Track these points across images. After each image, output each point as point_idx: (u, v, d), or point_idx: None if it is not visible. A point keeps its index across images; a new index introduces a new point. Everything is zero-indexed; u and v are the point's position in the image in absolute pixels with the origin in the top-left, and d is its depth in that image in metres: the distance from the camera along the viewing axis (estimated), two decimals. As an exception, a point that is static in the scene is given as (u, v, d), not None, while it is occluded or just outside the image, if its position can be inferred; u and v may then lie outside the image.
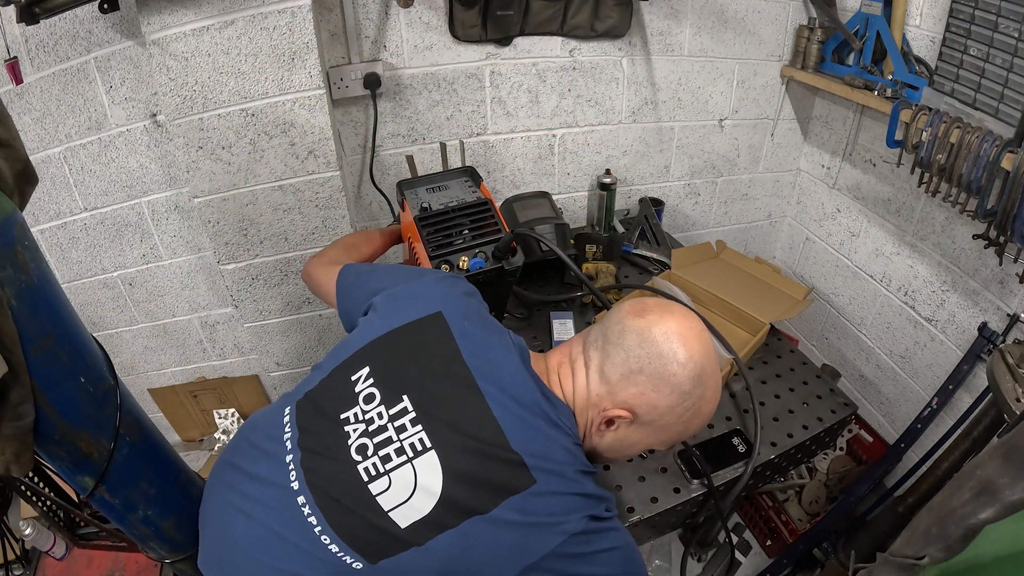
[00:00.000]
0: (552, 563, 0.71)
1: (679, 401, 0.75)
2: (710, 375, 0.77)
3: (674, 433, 0.79)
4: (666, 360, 0.74)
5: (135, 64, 1.44)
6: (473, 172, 1.22)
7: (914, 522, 0.81)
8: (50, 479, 1.34)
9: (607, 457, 0.84)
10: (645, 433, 0.79)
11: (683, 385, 0.75)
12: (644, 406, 0.76)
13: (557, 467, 0.74)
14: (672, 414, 0.76)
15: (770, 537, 1.96)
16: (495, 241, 1.09)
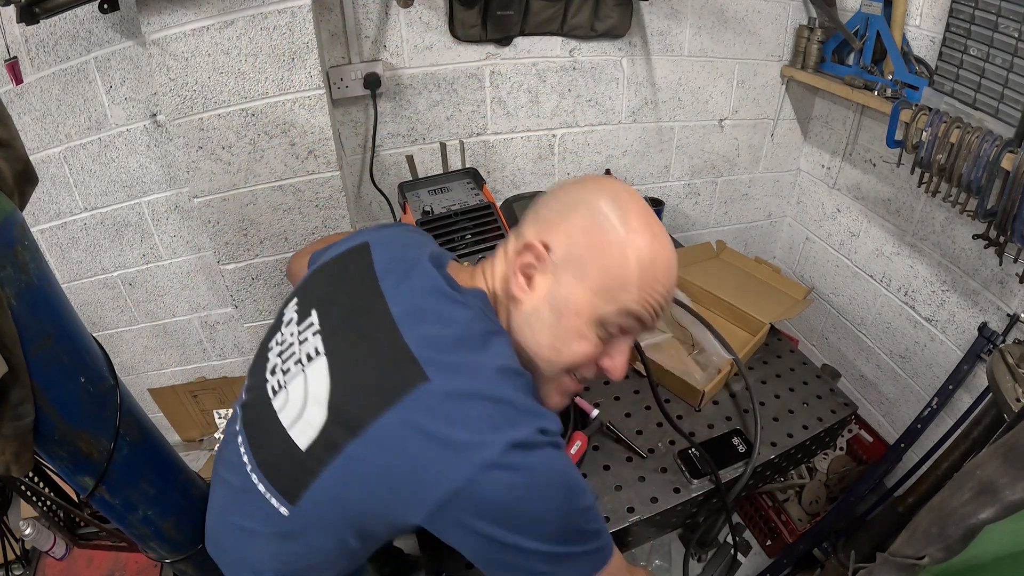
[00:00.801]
0: (457, 514, 0.57)
1: (596, 217, 0.66)
2: (640, 212, 0.69)
3: (610, 270, 0.65)
4: (591, 200, 0.68)
5: (135, 64, 1.44)
6: (475, 174, 1.22)
7: (914, 522, 0.81)
8: (50, 479, 1.34)
9: (546, 350, 0.68)
10: (572, 282, 0.65)
11: (602, 208, 0.66)
12: (560, 233, 0.66)
13: (462, 359, 0.61)
14: (595, 233, 0.66)
15: (770, 537, 1.96)
16: (496, 242, 1.09)
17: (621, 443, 1.17)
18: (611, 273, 0.65)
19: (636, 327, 0.68)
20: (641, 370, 1.33)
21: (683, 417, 1.24)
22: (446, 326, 0.64)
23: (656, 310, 0.67)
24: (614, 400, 1.28)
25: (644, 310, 0.66)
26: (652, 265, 0.66)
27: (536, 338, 0.68)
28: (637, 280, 0.65)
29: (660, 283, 0.67)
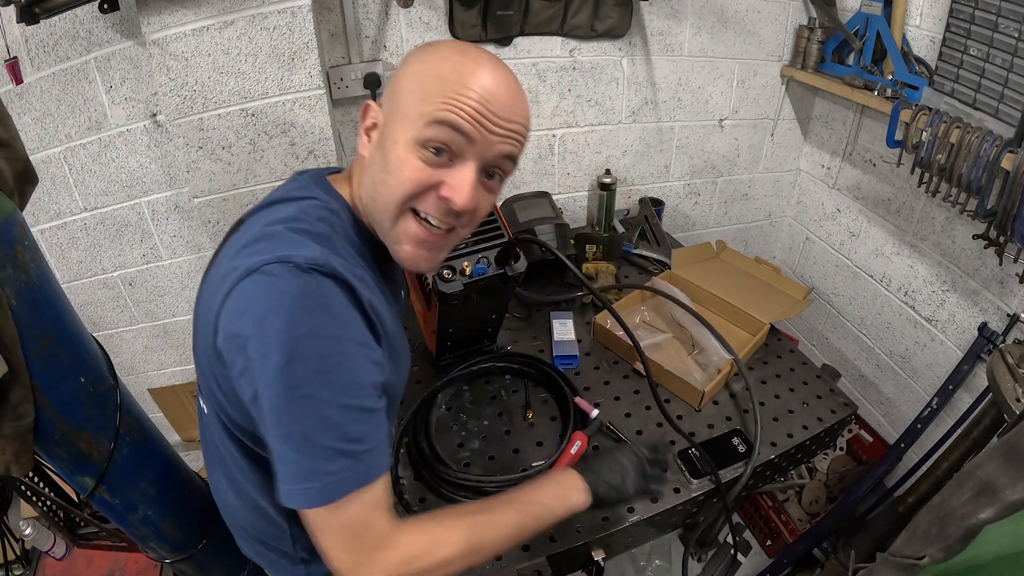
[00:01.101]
0: (220, 335, 0.62)
1: (406, 63, 0.68)
2: (452, 42, 0.71)
3: (415, 95, 0.65)
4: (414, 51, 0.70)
5: (135, 64, 1.44)
6: None
7: (914, 522, 0.82)
8: (50, 479, 1.34)
9: (379, 187, 0.69)
10: (390, 118, 0.67)
11: (416, 50, 0.69)
12: (388, 85, 0.71)
13: (270, 215, 0.67)
14: (399, 76, 0.68)
15: (770, 537, 1.96)
16: (498, 246, 1.09)
17: (621, 443, 1.17)
18: (414, 92, 0.65)
19: (457, 139, 0.64)
20: (641, 370, 1.34)
21: (683, 417, 1.24)
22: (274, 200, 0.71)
23: (470, 114, 0.63)
24: (614, 400, 1.28)
25: (453, 114, 0.63)
26: (455, 71, 0.64)
27: (372, 183, 0.69)
28: (439, 88, 0.64)
29: (466, 86, 0.63)
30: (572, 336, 1.43)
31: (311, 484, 0.59)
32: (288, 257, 0.59)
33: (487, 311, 1.26)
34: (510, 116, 0.66)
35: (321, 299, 0.59)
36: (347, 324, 0.61)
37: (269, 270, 0.58)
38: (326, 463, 0.58)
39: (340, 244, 0.67)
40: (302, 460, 0.59)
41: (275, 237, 0.63)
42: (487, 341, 1.38)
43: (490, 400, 1.28)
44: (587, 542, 1.01)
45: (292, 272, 0.58)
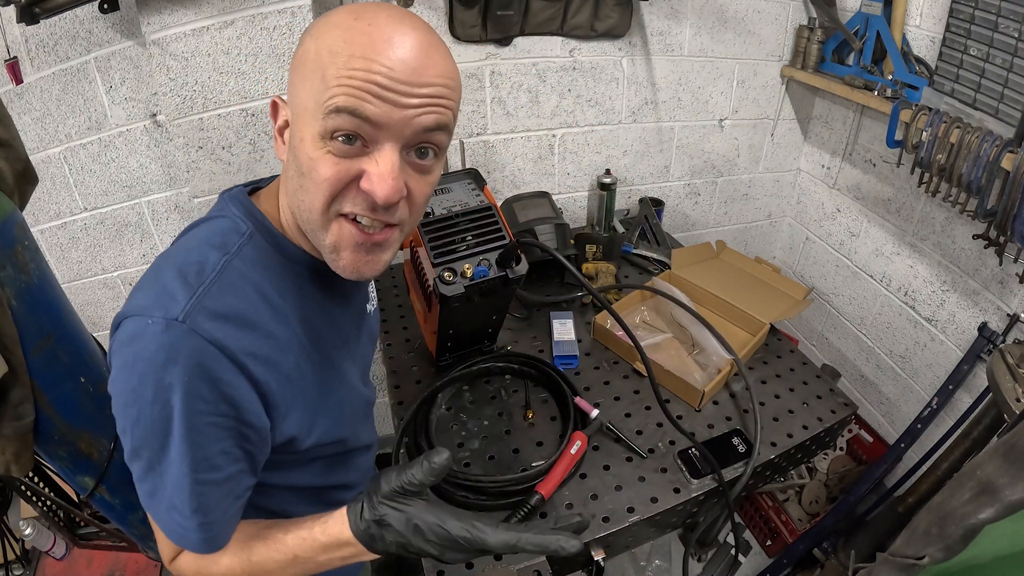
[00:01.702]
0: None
1: (299, 44, 0.59)
2: (349, 7, 0.57)
3: (311, 85, 0.56)
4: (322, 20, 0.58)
5: (135, 64, 1.44)
6: (476, 175, 1.21)
7: (914, 522, 0.82)
8: (50, 479, 1.34)
9: (298, 194, 0.61)
10: (294, 117, 0.59)
11: (320, 22, 0.58)
12: (289, 75, 0.60)
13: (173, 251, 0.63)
14: (295, 65, 0.59)
15: (770, 537, 1.96)
16: (499, 247, 1.08)
17: (621, 443, 1.17)
18: (308, 77, 0.56)
19: (364, 126, 0.55)
20: (641, 370, 1.34)
21: (683, 417, 1.24)
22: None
23: (371, 91, 0.53)
24: (614, 400, 1.28)
25: (351, 98, 0.53)
26: (346, 43, 0.54)
27: (292, 191, 0.61)
28: (332, 67, 0.54)
29: (361, 57, 0.53)
30: (572, 336, 1.43)
31: (162, 520, 0.63)
32: (148, 312, 0.56)
33: (488, 312, 1.26)
34: (423, 80, 0.55)
35: (167, 362, 0.54)
36: (195, 394, 0.56)
37: (128, 328, 0.57)
38: (167, 509, 0.61)
39: (238, 276, 0.60)
40: (157, 503, 0.62)
41: (157, 275, 0.60)
42: (487, 341, 1.38)
43: (490, 400, 1.28)
44: (587, 542, 1.01)
45: (149, 329, 0.55)
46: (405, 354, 1.40)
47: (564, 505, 1.06)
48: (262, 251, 0.63)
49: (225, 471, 0.61)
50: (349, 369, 0.76)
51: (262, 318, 0.61)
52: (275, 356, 0.62)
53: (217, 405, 0.57)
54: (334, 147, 0.56)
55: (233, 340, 0.57)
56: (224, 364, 0.57)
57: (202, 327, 0.55)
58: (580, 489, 1.09)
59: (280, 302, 0.63)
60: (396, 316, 1.53)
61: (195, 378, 0.55)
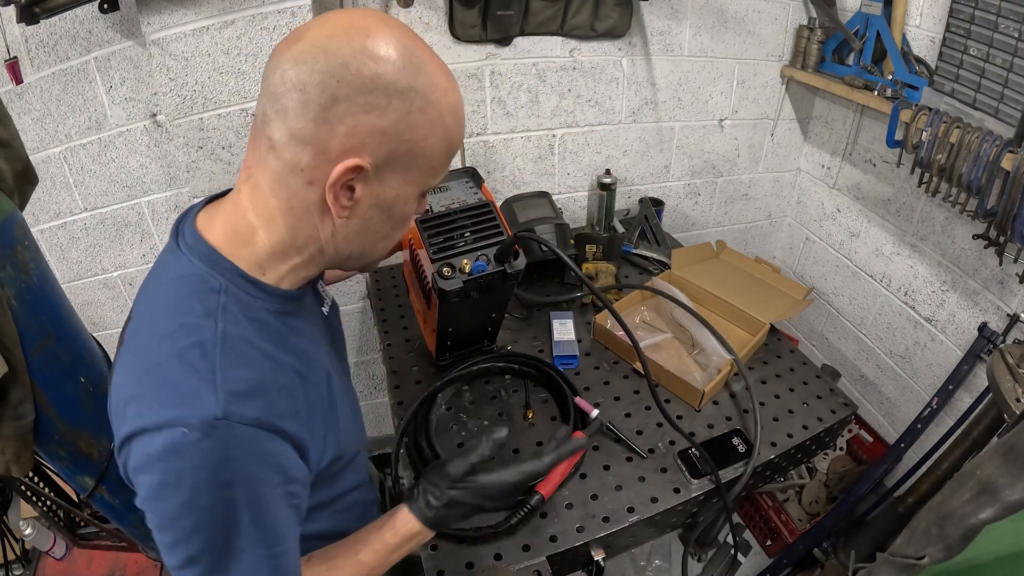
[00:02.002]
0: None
1: (404, 104, 0.56)
2: (417, 49, 0.57)
3: (432, 149, 0.60)
4: (359, 63, 0.54)
5: (135, 64, 1.44)
6: (474, 173, 1.22)
7: (914, 522, 0.82)
8: (50, 479, 1.34)
9: (383, 243, 0.67)
10: (399, 173, 0.60)
11: (398, 81, 0.55)
12: (370, 137, 0.56)
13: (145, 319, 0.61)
14: (406, 124, 0.57)
15: (770, 537, 1.96)
16: (497, 243, 1.09)
17: (621, 443, 1.17)
18: (436, 151, 0.61)
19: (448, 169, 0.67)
20: (641, 370, 1.34)
21: (683, 417, 1.24)
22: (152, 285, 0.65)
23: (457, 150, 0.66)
24: (614, 400, 1.28)
25: (451, 156, 0.64)
26: (460, 118, 0.62)
27: (366, 242, 0.65)
28: (455, 142, 0.63)
29: (464, 126, 0.64)
30: (572, 336, 1.43)
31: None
32: (180, 421, 0.52)
33: (487, 309, 1.26)
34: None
35: (222, 464, 0.54)
36: (255, 480, 0.56)
37: (159, 443, 0.52)
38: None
39: (238, 340, 0.58)
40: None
41: (158, 371, 0.55)
42: (487, 341, 1.38)
43: (490, 400, 1.28)
44: (587, 542, 1.01)
45: (189, 439, 0.52)
46: (405, 354, 1.40)
47: (564, 505, 1.06)
48: (241, 302, 0.61)
49: (291, 535, 0.62)
50: (337, 376, 0.76)
51: (272, 375, 0.60)
52: (295, 405, 0.62)
53: (276, 477, 0.58)
54: (422, 200, 0.67)
55: (265, 411, 0.57)
56: (268, 438, 0.57)
57: (240, 415, 0.54)
58: (580, 489, 1.09)
59: (274, 350, 0.62)
60: (396, 316, 1.53)
61: (250, 465, 0.55)
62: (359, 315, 1.88)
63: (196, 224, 0.64)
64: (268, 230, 0.61)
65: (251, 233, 0.62)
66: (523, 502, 1.00)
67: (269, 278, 0.63)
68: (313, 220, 0.61)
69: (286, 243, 0.62)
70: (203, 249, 0.61)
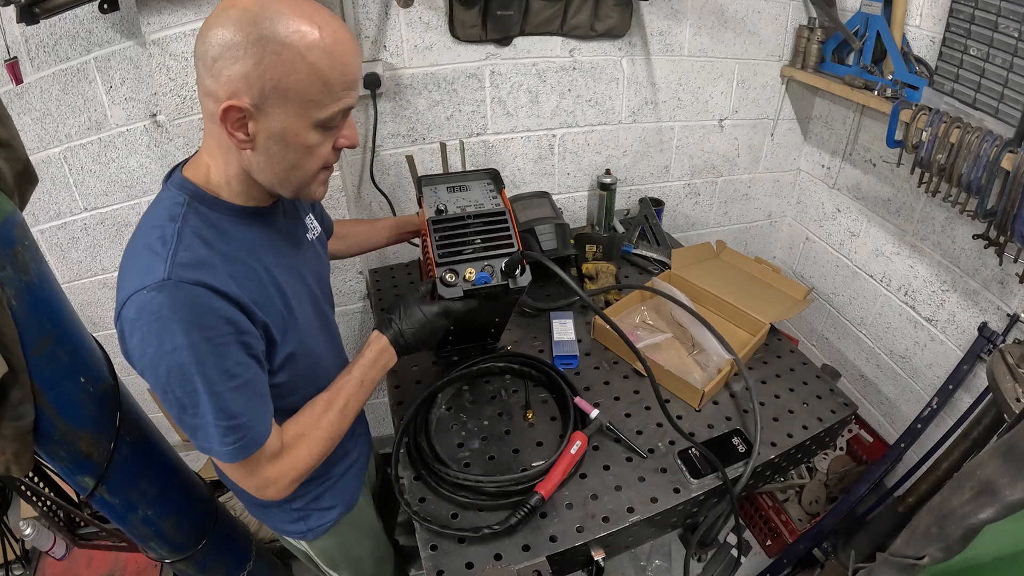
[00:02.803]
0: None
1: (257, 51, 0.68)
2: (274, 5, 0.68)
3: (299, 83, 0.70)
4: (222, 27, 0.68)
5: (135, 64, 1.44)
6: (496, 176, 1.18)
7: (914, 522, 0.82)
8: (50, 479, 1.34)
9: (291, 172, 0.78)
10: (278, 108, 0.71)
11: (249, 34, 0.67)
12: (240, 81, 0.69)
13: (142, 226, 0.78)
14: (265, 66, 0.68)
15: (770, 537, 1.96)
16: (505, 254, 1.05)
17: (621, 443, 1.17)
18: (303, 86, 0.71)
19: (347, 104, 0.76)
20: (641, 370, 1.34)
21: (683, 417, 1.24)
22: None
23: (350, 81, 0.74)
24: (614, 400, 1.28)
25: (344, 91, 0.74)
26: (331, 52, 0.71)
27: (276, 170, 0.77)
28: (335, 80, 0.72)
29: (350, 68, 0.73)
30: (572, 336, 1.43)
31: (214, 449, 0.76)
32: (141, 285, 0.69)
33: (489, 316, 1.25)
34: (359, 59, 0.77)
35: (175, 311, 0.69)
36: (204, 326, 0.71)
37: (130, 308, 0.70)
38: (218, 439, 0.75)
39: (192, 235, 0.75)
40: (203, 436, 0.76)
41: (132, 260, 0.74)
42: (491, 340, 1.38)
43: (490, 400, 1.28)
44: (587, 542, 1.01)
45: (148, 298, 0.69)
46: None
47: (564, 505, 1.06)
48: (201, 213, 0.78)
49: (248, 373, 0.76)
50: (298, 291, 0.90)
51: (220, 260, 0.75)
52: (242, 283, 0.77)
53: (222, 326, 0.72)
54: (327, 132, 0.76)
55: (207, 276, 0.72)
56: (211, 296, 0.71)
57: (184, 276, 0.70)
58: (580, 489, 1.09)
59: (229, 248, 0.78)
60: (396, 316, 1.53)
61: (198, 314, 0.70)
62: (359, 315, 1.88)
63: (181, 170, 0.82)
64: (215, 164, 0.79)
65: (207, 168, 0.80)
66: (523, 502, 1.01)
67: (224, 196, 0.80)
68: (234, 155, 0.77)
69: (227, 172, 0.79)
70: (177, 179, 0.80)
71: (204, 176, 0.80)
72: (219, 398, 0.73)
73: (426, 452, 1.12)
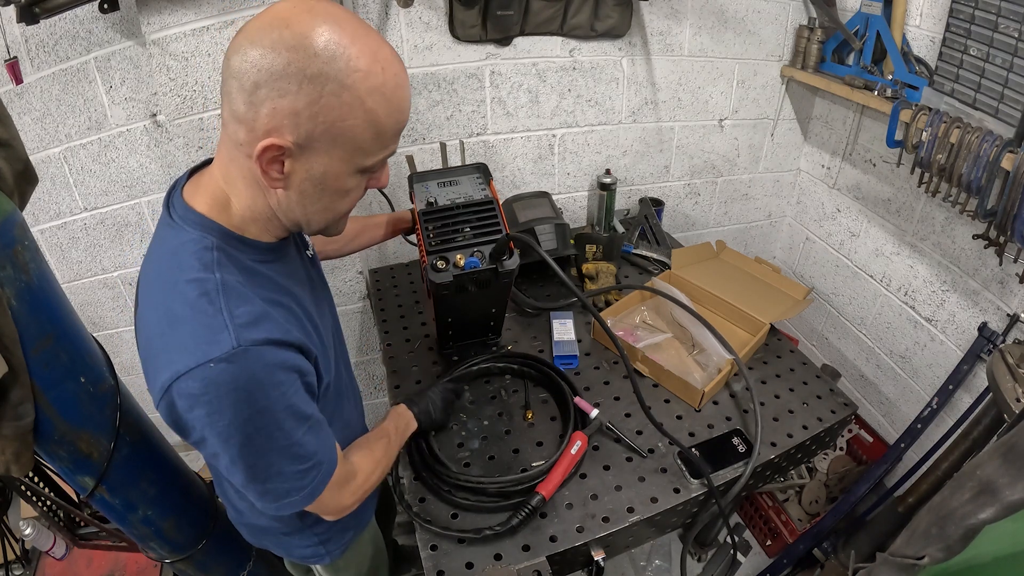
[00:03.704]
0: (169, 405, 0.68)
1: (316, 89, 0.60)
2: (337, 36, 0.61)
3: (354, 129, 0.64)
4: (275, 52, 0.60)
5: (135, 64, 1.44)
6: (485, 169, 1.24)
7: (914, 522, 0.82)
8: (50, 479, 1.34)
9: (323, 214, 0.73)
10: (324, 151, 0.65)
11: (308, 67, 0.60)
12: (287, 118, 0.61)
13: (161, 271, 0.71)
14: (320, 107, 0.61)
15: (770, 537, 1.96)
16: (494, 240, 1.10)
17: (621, 443, 1.17)
18: (359, 132, 0.65)
19: (394, 150, 0.72)
20: (641, 370, 1.34)
21: (683, 417, 1.24)
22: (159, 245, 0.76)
23: (402, 129, 0.70)
24: (614, 400, 1.28)
25: (394, 139, 0.70)
26: (391, 99, 0.65)
27: (308, 211, 0.72)
28: (385, 122, 0.66)
29: (401, 107, 0.68)
30: (572, 336, 1.43)
31: (292, 502, 0.76)
32: (206, 358, 0.63)
33: (485, 304, 1.26)
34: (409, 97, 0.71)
35: (250, 381, 0.65)
36: (277, 384, 0.68)
37: (191, 385, 0.64)
38: (297, 486, 0.75)
39: (234, 284, 0.69)
40: (275, 494, 0.75)
41: (178, 324, 0.66)
42: (491, 334, 1.39)
43: (490, 400, 1.28)
44: (587, 542, 1.01)
45: (217, 370, 0.63)
46: (405, 354, 1.40)
47: (564, 505, 1.06)
48: (230, 256, 0.71)
49: (313, 416, 0.75)
50: (323, 314, 0.89)
51: (268, 307, 0.71)
52: (293, 323, 0.74)
53: (290, 378, 0.70)
54: (366, 175, 0.72)
55: (271, 331, 0.68)
56: (279, 351, 0.69)
57: (252, 339, 0.66)
58: (580, 489, 1.09)
59: (264, 292, 0.73)
60: (396, 316, 1.54)
61: (272, 374, 0.67)
62: (359, 315, 1.88)
63: (183, 196, 0.74)
64: (236, 197, 0.72)
65: (227, 200, 0.72)
66: (524, 503, 1.01)
67: (250, 234, 0.74)
68: (261, 191, 0.70)
69: (252, 208, 0.72)
70: (193, 217, 0.71)
71: (224, 211, 0.72)
72: (297, 447, 0.72)
73: (426, 452, 1.12)
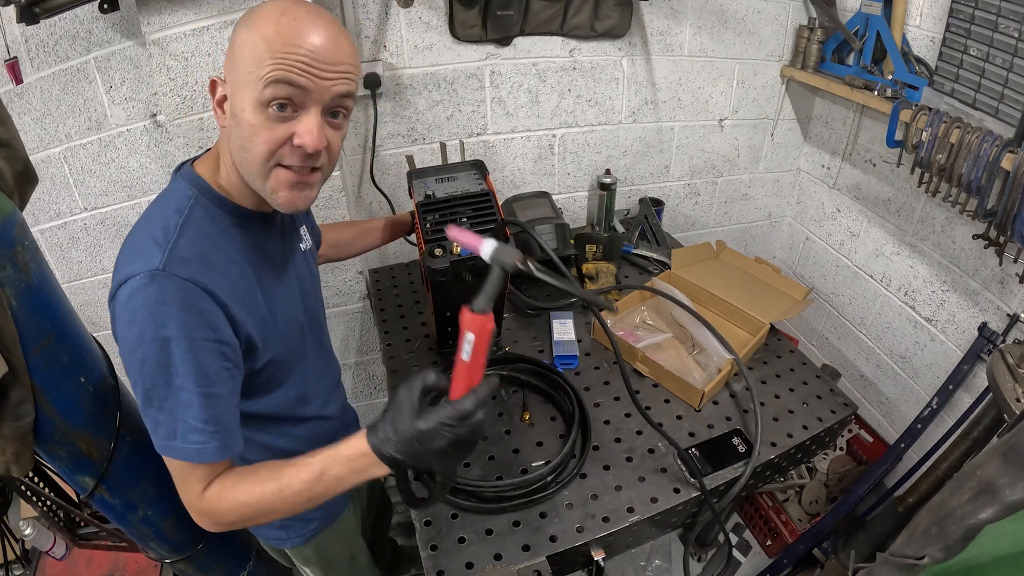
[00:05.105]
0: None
1: (235, 25, 0.74)
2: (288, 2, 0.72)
3: (245, 49, 0.71)
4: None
5: (135, 64, 1.44)
6: (481, 165, 1.28)
7: (914, 522, 0.81)
8: (50, 479, 1.34)
9: (240, 154, 0.75)
10: (231, 82, 0.73)
11: (239, 23, 0.73)
12: (224, 62, 0.76)
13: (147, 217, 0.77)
14: (233, 43, 0.73)
15: (770, 537, 1.96)
16: (489, 228, 1.13)
17: (621, 443, 1.17)
18: (247, 59, 0.70)
19: (295, 92, 0.71)
20: (641, 370, 1.34)
21: (683, 417, 1.24)
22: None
23: (303, 68, 0.70)
24: (614, 400, 1.28)
25: (287, 72, 0.69)
26: (278, 33, 0.69)
27: (236, 150, 0.75)
28: (267, 50, 0.69)
29: (292, 43, 0.69)
30: (572, 336, 1.43)
31: (175, 446, 0.73)
32: (135, 272, 0.69)
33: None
34: (336, 60, 0.72)
35: (159, 304, 0.69)
36: (186, 323, 0.70)
37: (123, 291, 0.70)
38: (182, 435, 0.73)
39: (194, 230, 0.75)
40: (163, 432, 0.73)
41: (133, 246, 0.74)
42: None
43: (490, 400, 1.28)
44: (587, 542, 1.01)
45: (137, 284, 0.69)
46: (405, 354, 1.40)
47: (564, 505, 1.06)
48: (207, 209, 0.78)
49: (224, 387, 0.75)
50: (286, 297, 0.90)
51: (217, 259, 0.75)
52: (232, 286, 0.76)
53: (204, 330, 0.71)
54: (270, 114, 0.71)
55: (199, 274, 0.71)
56: (199, 295, 0.71)
57: (177, 270, 0.70)
58: (580, 489, 1.09)
59: (228, 249, 0.78)
60: (396, 316, 1.54)
61: (183, 310, 0.70)
62: (359, 315, 1.88)
63: (193, 163, 0.82)
64: (224, 160, 0.79)
65: (218, 163, 0.80)
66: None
67: (233, 197, 0.81)
68: (225, 139, 0.77)
69: (230, 167, 0.78)
70: (188, 173, 0.80)
71: (214, 172, 0.81)
72: (190, 396, 0.71)
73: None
